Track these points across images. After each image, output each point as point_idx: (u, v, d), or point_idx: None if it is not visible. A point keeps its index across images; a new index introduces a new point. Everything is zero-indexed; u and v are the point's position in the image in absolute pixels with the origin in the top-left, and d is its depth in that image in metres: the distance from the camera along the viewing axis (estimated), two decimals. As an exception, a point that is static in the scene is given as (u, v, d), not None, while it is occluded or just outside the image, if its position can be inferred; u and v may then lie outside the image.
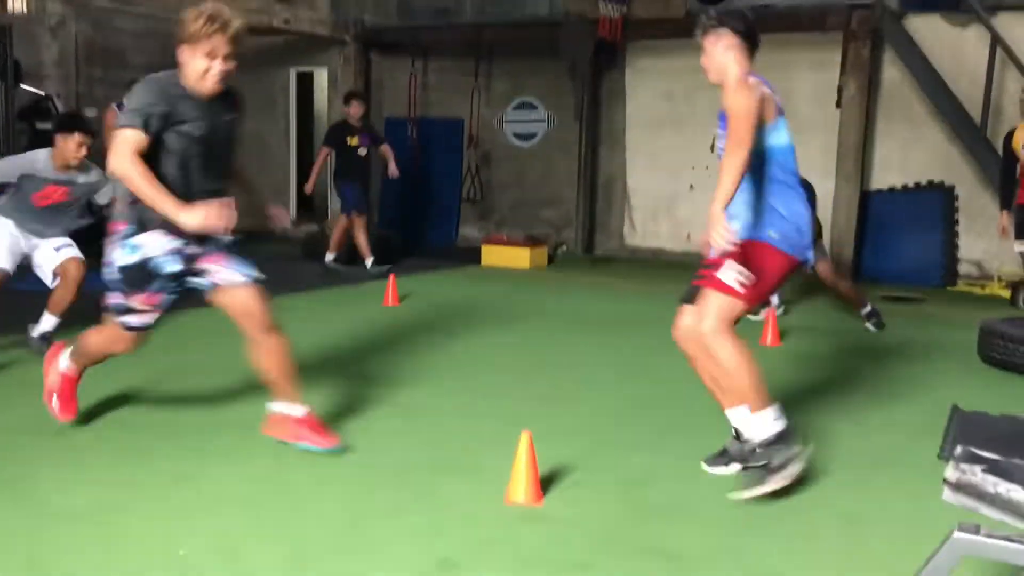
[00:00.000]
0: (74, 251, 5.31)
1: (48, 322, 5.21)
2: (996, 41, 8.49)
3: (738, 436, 3.60)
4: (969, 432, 4.21)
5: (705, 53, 3.53)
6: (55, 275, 5.25)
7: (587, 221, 11.05)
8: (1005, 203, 6.71)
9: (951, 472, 2.95)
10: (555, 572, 2.80)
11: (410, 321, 6.78)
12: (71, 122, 5.26)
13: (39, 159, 5.19)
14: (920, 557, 2.04)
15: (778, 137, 3.51)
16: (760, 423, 3.43)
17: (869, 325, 6.75)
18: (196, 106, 3.40)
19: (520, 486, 3.28)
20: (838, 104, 9.30)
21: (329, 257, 9.05)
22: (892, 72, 9.50)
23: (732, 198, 3.29)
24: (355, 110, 8.96)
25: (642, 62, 10.86)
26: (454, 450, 3.89)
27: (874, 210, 9.61)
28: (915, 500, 3.44)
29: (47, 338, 5.07)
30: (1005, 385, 5.27)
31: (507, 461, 3.37)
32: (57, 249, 5.28)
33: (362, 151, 9.00)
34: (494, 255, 9.93)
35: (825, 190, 9.64)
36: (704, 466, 3.70)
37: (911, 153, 9.57)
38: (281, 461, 3.65)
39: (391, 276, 7.53)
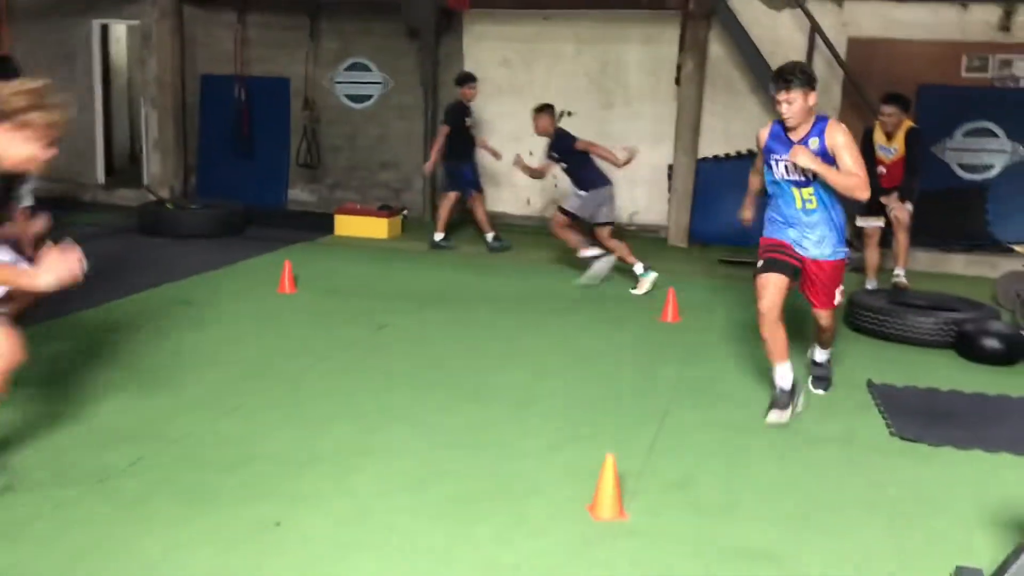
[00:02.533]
0: None
1: None
2: (815, 29, 9.46)
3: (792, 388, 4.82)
4: (894, 407, 5.01)
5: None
6: None
7: (431, 186, 11.13)
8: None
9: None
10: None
11: (322, 311, 6.70)
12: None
13: None
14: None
15: None
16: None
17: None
18: None
19: (607, 505, 3.57)
20: (677, 81, 9.98)
21: (439, 236, 9.35)
22: (716, 48, 10.30)
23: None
24: (473, 92, 9.33)
25: (479, 28, 10.99)
26: (510, 469, 4.05)
27: (701, 177, 10.45)
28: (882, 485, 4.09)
29: None
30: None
31: (564, 474, 3.63)
32: None
33: (474, 131, 9.55)
34: (350, 225, 9.81)
35: (659, 156, 10.44)
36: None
37: (732, 124, 10.48)
38: (361, 501, 3.69)
39: (286, 262, 7.32)
